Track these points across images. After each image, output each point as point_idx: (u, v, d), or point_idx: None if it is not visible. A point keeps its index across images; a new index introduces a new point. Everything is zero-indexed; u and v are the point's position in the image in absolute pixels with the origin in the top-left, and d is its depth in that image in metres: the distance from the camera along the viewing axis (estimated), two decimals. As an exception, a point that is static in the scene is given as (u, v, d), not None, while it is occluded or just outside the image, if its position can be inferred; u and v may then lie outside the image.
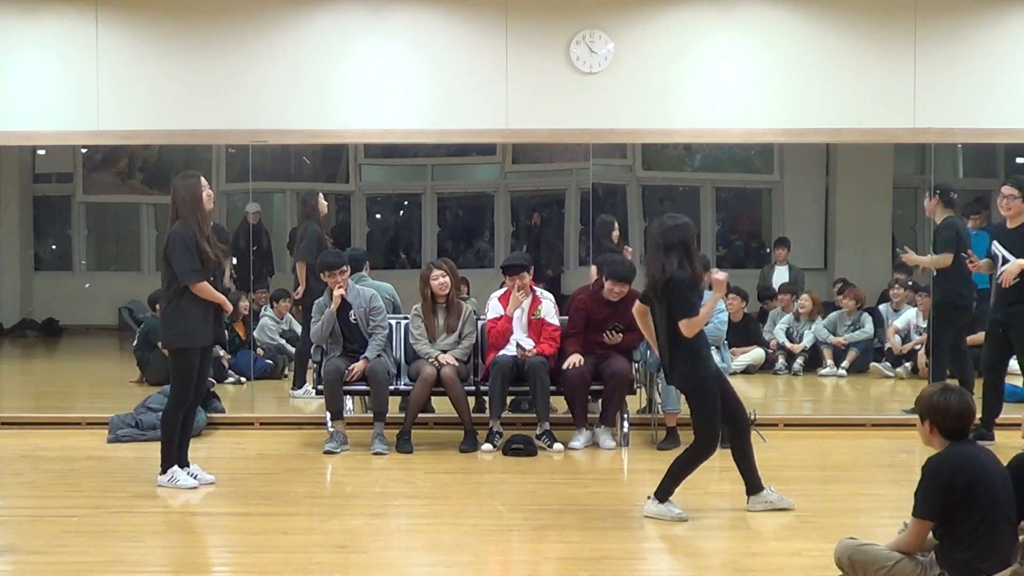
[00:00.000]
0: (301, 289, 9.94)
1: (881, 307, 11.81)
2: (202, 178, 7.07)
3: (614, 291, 8.38)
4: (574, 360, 8.28)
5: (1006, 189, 8.21)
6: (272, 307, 11.55)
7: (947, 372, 9.10)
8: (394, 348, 8.75)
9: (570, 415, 8.65)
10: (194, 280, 6.90)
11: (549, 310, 8.53)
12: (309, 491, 7.17)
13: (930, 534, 4.58)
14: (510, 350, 8.39)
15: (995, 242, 8.26)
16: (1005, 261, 8.10)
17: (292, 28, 9.34)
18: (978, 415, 8.62)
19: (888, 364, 11.32)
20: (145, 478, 7.22)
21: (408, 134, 9.74)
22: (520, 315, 8.52)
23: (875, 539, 4.88)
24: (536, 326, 8.49)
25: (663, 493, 6.31)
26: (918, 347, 10.97)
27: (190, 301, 6.93)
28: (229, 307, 7.21)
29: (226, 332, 7.43)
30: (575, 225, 12.89)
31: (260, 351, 11.09)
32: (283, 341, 11.42)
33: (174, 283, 6.95)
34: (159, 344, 9.91)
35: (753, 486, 6.45)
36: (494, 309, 8.56)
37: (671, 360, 6.32)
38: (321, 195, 10.30)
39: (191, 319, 6.93)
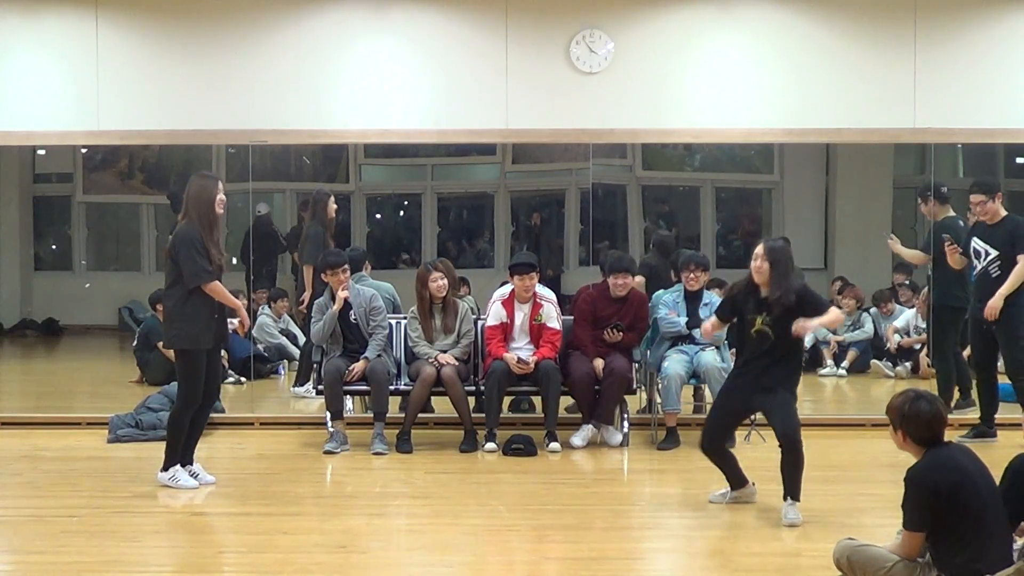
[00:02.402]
0: (307, 295, 9.79)
1: (871, 312, 11.77)
2: (220, 182, 7.06)
3: (618, 284, 8.40)
4: (599, 365, 8.30)
5: (974, 198, 8.27)
6: (270, 307, 11.55)
7: (954, 373, 9.09)
8: (394, 348, 8.75)
9: (569, 415, 8.67)
10: (205, 280, 6.85)
11: (550, 313, 8.51)
12: (309, 491, 7.18)
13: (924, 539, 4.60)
14: (520, 353, 8.36)
15: (975, 239, 8.27)
16: (987, 255, 8.13)
17: (292, 28, 9.35)
18: (964, 415, 8.76)
19: (888, 364, 11.31)
20: (145, 478, 7.23)
21: (408, 134, 9.73)
22: (521, 320, 8.52)
23: (875, 539, 4.89)
24: (537, 330, 8.49)
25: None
26: (917, 346, 10.97)
27: (195, 302, 6.90)
28: (244, 316, 7.17)
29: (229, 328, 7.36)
30: (575, 225, 12.88)
31: (261, 346, 11.15)
32: (283, 340, 11.43)
33: (178, 283, 6.92)
34: (159, 344, 9.94)
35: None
36: (495, 314, 8.53)
37: (786, 366, 6.44)
38: (332, 198, 10.25)
39: (195, 321, 6.90)
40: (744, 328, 6.48)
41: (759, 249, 6.40)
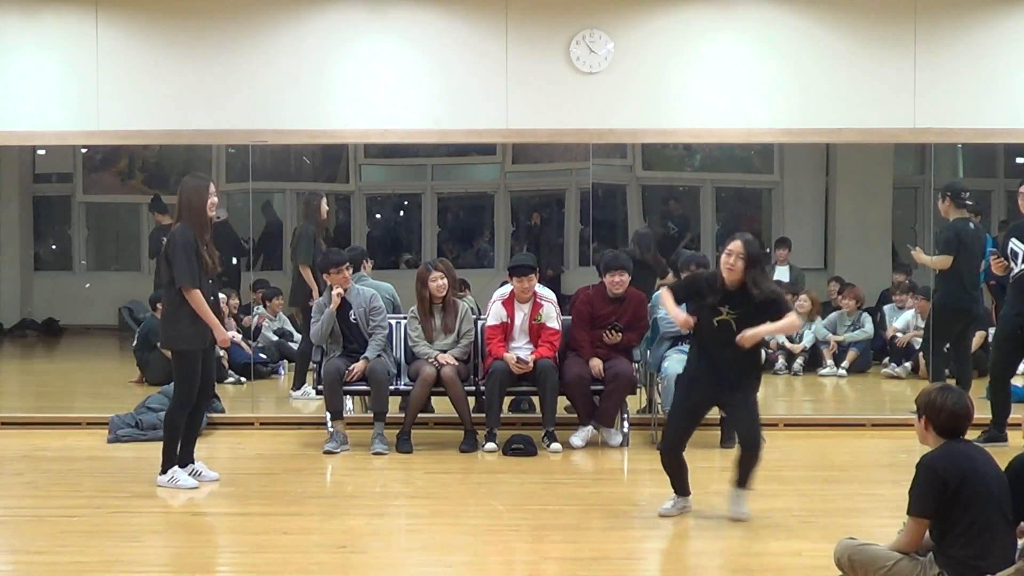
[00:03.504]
0: (316, 291, 9.81)
1: (886, 308, 11.80)
2: (212, 184, 7.06)
3: (614, 282, 8.40)
4: (597, 365, 8.30)
5: None
6: (265, 306, 11.54)
7: (946, 372, 9.09)
8: (394, 348, 8.75)
9: (570, 416, 8.67)
10: (189, 284, 6.86)
11: (550, 313, 8.51)
12: (309, 491, 7.17)
13: (927, 534, 4.60)
14: (519, 353, 8.36)
15: (1013, 239, 8.21)
16: None
17: (292, 28, 9.34)
18: (976, 416, 8.72)
19: (894, 364, 11.30)
20: (145, 478, 7.23)
21: (408, 134, 9.73)
22: (521, 320, 8.52)
23: (875, 539, 4.88)
24: (536, 330, 8.49)
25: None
26: (917, 345, 10.98)
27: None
28: (223, 334, 7.06)
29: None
30: (575, 225, 12.89)
31: (261, 344, 11.17)
32: (279, 339, 11.42)
33: (174, 284, 6.94)
34: (159, 344, 9.94)
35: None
36: (495, 314, 8.53)
37: (748, 359, 6.32)
38: (324, 198, 10.27)
39: (192, 321, 6.91)
40: (705, 316, 6.32)
41: (736, 246, 6.23)
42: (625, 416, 8.45)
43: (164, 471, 7.05)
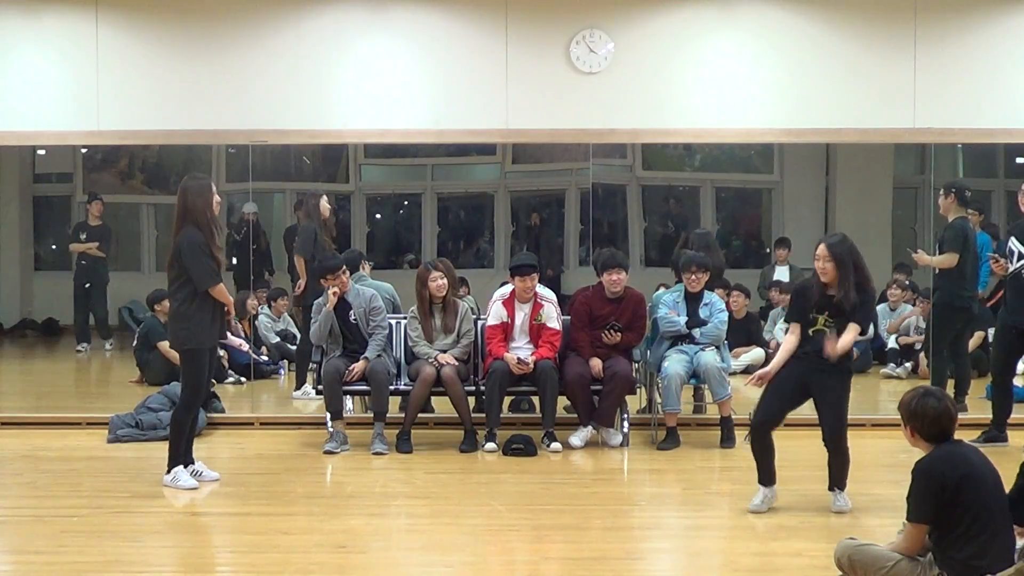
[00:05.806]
0: (302, 283, 9.88)
1: (879, 308, 11.79)
2: (212, 184, 7.09)
3: (612, 280, 8.40)
4: (597, 365, 8.30)
5: None
6: (270, 307, 11.54)
7: (948, 372, 9.08)
8: (394, 348, 8.75)
9: (570, 416, 8.67)
10: (213, 283, 6.96)
11: (551, 314, 8.51)
12: (309, 491, 7.18)
13: (926, 536, 4.60)
14: (519, 353, 8.36)
15: (1012, 239, 8.20)
16: (1021, 257, 8.07)
17: (292, 28, 9.34)
18: (976, 416, 8.73)
19: (892, 365, 11.29)
20: (145, 478, 7.23)
21: (408, 134, 9.73)
22: (522, 320, 8.51)
23: (875, 539, 4.89)
24: (537, 330, 8.49)
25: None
26: (918, 347, 10.97)
27: (201, 303, 6.96)
28: (232, 313, 7.35)
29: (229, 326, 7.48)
30: (575, 225, 12.88)
31: (264, 349, 11.16)
32: (280, 340, 11.42)
33: (186, 286, 6.96)
34: (159, 344, 9.95)
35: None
36: (495, 314, 8.53)
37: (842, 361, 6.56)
38: (324, 198, 10.28)
39: (201, 320, 6.95)
40: (805, 324, 6.51)
41: (821, 250, 6.42)
42: (625, 416, 8.44)
43: (169, 470, 7.07)
